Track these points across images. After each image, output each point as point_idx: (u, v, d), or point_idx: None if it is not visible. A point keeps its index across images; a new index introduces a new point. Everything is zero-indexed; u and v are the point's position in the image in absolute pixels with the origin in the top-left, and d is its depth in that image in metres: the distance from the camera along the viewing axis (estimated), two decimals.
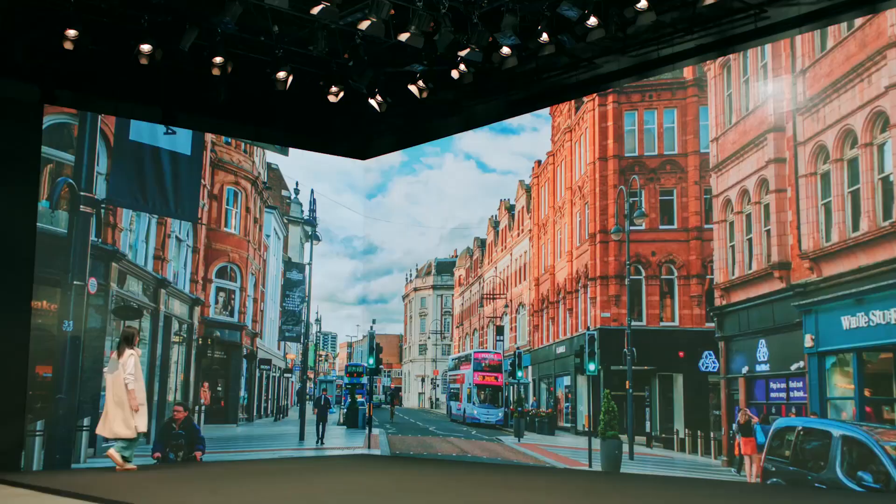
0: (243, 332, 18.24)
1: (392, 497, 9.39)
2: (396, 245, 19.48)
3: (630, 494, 10.32)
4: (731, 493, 10.66)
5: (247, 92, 14.51)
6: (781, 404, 12.37)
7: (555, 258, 17.78)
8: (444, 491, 10.02)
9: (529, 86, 15.23)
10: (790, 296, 12.35)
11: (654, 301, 15.12)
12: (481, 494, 9.71)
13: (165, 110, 15.58)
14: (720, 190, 14.12)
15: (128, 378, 12.22)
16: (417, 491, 9.98)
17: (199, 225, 17.12)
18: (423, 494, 9.56)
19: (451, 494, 9.69)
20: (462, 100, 16.00)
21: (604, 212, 15.77)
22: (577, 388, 16.69)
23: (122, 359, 12.38)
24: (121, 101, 15.11)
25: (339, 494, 9.61)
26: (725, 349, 13.52)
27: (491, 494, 9.69)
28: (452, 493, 9.77)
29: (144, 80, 14.03)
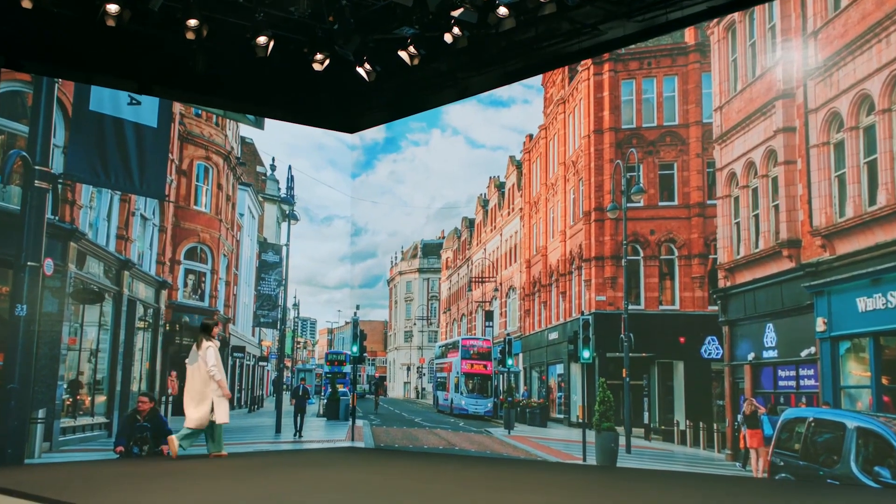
0: (214, 317, 17.64)
1: (373, 496, 8.86)
2: (381, 226, 19.05)
3: (627, 490, 9.85)
4: (736, 490, 10.06)
5: (224, 58, 13.75)
6: (790, 393, 12.03)
7: (547, 238, 17.50)
8: (428, 489, 9.52)
9: (528, 55, 14.48)
10: (800, 276, 11.94)
11: (653, 283, 14.90)
12: (469, 492, 9.24)
13: (137, 80, 14.77)
14: (724, 163, 13.73)
15: (212, 370, 12.49)
16: (400, 490, 9.43)
17: (166, 202, 16.54)
18: (405, 494, 9.01)
19: (437, 493, 9.20)
20: (457, 71, 15.33)
21: (599, 188, 15.42)
22: (571, 377, 16.45)
23: (201, 350, 12.68)
24: (88, 71, 14.37)
25: (316, 493, 9.08)
26: (730, 334, 13.18)
27: (479, 493, 9.21)
28: (438, 492, 9.28)
29: (113, 46, 13.25)
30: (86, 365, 14.79)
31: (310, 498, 8.60)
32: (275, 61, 13.36)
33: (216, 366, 12.54)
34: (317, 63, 13.46)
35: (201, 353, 12.72)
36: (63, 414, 13.90)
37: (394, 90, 16.04)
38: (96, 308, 14.91)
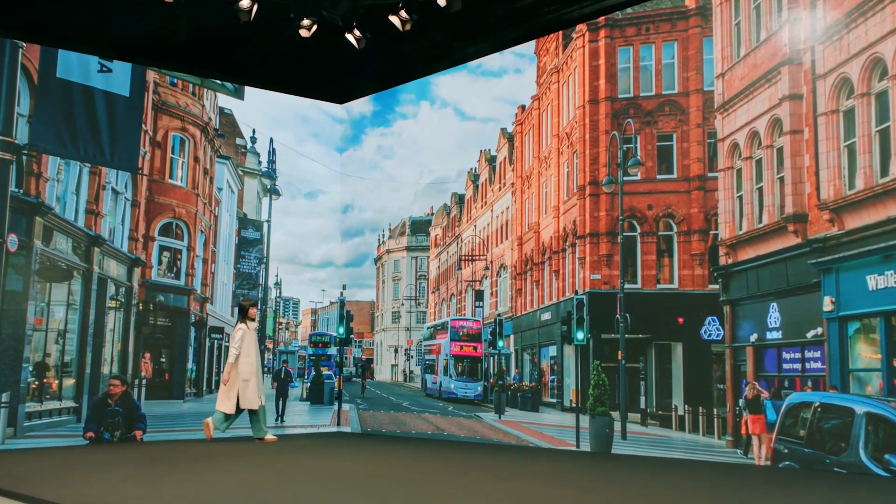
0: (191, 296, 17.44)
1: (357, 485, 8.47)
2: (367, 202, 18.55)
3: (622, 478, 9.54)
4: (737, 478, 9.72)
5: (204, 23, 13.19)
6: (795, 377, 11.77)
7: (540, 214, 17.13)
8: (414, 478, 9.13)
9: (527, 23, 13.99)
10: (807, 252, 11.62)
11: (651, 261, 14.66)
12: (458, 480, 8.89)
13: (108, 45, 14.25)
14: (726, 133, 13.38)
15: (231, 351, 12.53)
16: (385, 478, 9.02)
17: (139, 175, 16.05)
18: (390, 483, 8.60)
19: (423, 482, 8.82)
20: (452, 41, 14.82)
21: (594, 161, 15.04)
22: (564, 360, 16.15)
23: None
24: (55, 35, 13.84)
25: (297, 482, 8.64)
26: (731, 314, 12.90)
27: (468, 481, 8.84)
28: (424, 482, 8.89)
29: (83, 7, 12.74)
30: (53, 346, 14.30)
31: (290, 488, 8.18)
32: (258, 27, 12.81)
33: (236, 348, 12.50)
34: (303, 29, 12.98)
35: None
36: (28, 398, 13.39)
37: (386, 60, 15.53)
38: (64, 286, 14.44)
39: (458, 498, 7.64)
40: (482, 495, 7.82)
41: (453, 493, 7.96)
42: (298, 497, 7.62)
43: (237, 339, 12.53)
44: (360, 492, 7.97)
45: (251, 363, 12.73)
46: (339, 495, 7.75)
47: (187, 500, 7.39)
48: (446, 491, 8.13)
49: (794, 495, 8.40)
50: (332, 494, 7.81)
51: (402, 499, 7.56)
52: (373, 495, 7.69)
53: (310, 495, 7.75)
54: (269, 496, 7.59)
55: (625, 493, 8.40)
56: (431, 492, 8.09)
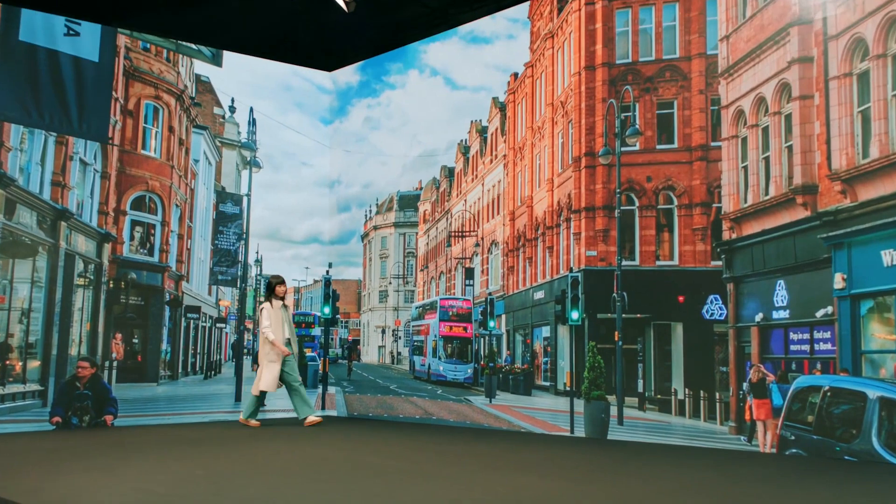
0: (165, 273, 16.95)
1: (336, 475, 8.06)
2: (354, 177, 18.15)
3: (618, 466, 9.25)
4: (741, 466, 9.35)
5: None
6: (803, 359, 11.51)
7: (533, 188, 16.90)
8: (398, 467, 8.73)
9: None
10: (816, 226, 11.34)
11: (650, 236, 14.47)
12: (444, 469, 8.56)
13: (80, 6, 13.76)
14: (731, 99, 13.07)
15: (265, 331, 12.31)
16: (366, 468, 8.61)
17: (109, 146, 15.53)
18: (372, 474, 8.18)
19: (408, 472, 8.41)
20: (448, 8, 14.35)
21: (590, 131, 14.87)
22: (558, 341, 15.97)
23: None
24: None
25: (274, 472, 8.14)
26: (735, 292, 12.67)
27: (455, 470, 8.51)
28: (409, 471, 8.48)
29: None
30: (16, 326, 13.82)
31: (265, 479, 7.66)
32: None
33: (269, 327, 12.26)
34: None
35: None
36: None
37: (377, 27, 15.09)
38: (28, 263, 13.93)
39: (446, 490, 7.27)
40: (471, 487, 7.45)
41: (441, 485, 7.56)
42: (273, 491, 7.10)
43: (265, 317, 12.33)
44: (340, 484, 7.52)
45: (280, 340, 12.47)
46: (318, 488, 7.29)
47: (149, 494, 6.92)
48: (433, 483, 7.71)
49: (801, 485, 8.17)
50: (309, 487, 7.35)
51: (386, 492, 7.12)
52: (354, 488, 7.27)
53: (286, 489, 7.24)
54: (240, 491, 7.10)
55: (620, 482, 8.07)
56: (417, 484, 7.65)
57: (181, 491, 7.09)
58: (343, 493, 6.97)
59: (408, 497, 6.89)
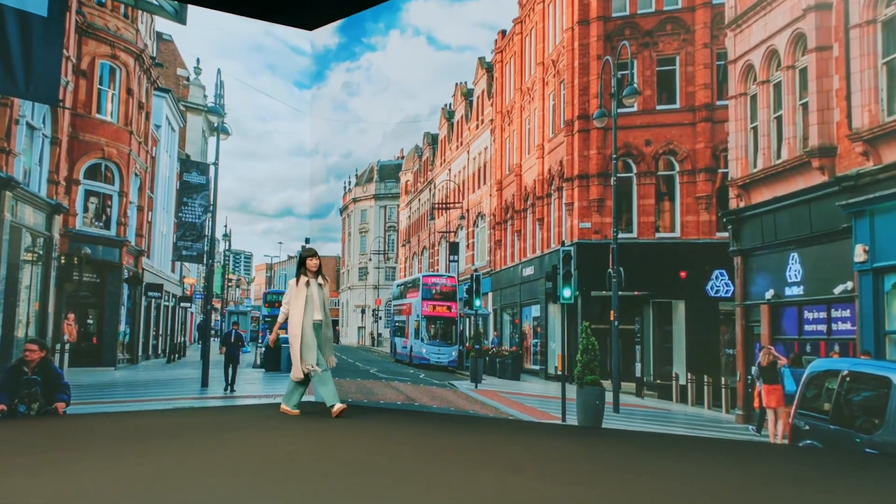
0: (124, 248, 16.40)
1: (305, 473, 7.64)
2: (332, 146, 17.82)
3: (614, 457, 9.11)
4: (749, 459, 9.16)
5: None
6: (820, 340, 11.16)
7: (522, 155, 16.73)
8: (377, 462, 8.38)
9: None
10: (835, 192, 10.87)
11: (649, 206, 14.28)
12: (428, 469, 8.08)
13: None
14: (739, 53, 12.72)
15: (281, 310, 12.00)
16: (339, 463, 8.18)
17: (60, 109, 14.84)
18: (346, 473, 7.68)
19: (386, 468, 8.01)
20: None
21: (584, 91, 14.66)
22: (549, 321, 15.65)
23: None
24: None
25: (234, 472, 7.60)
26: (743, 267, 12.44)
27: (439, 469, 8.07)
28: (387, 468, 8.07)
29: None
30: None
31: (221, 480, 7.20)
32: None
33: (285, 305, 11.93)
34: None
35: None
36: None
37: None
38: None
39: (423, 492, 6.78)
40: (451, 487, 7.00)
41: (418, 487, 7.06)
42: (226, 495, 6.54)
43: (286, 296, 12.00)
44: (306, 486, 7.03)
45: (296, 323, 12.03)
46: (275, 493, 6.63)
47: (70, 500, 6.39)
48: (409, 486, 7.17)
49: (816, 480, 7.92)
50: (267, 491, 6.70)
51: (351, 498, 6.56)
52: (319, 492, 6.74)
53: (238, 494, 6.64)
54: (188, 495, 6.54)
55: (615, 476, 7.83)
56: (392, 488, 7.09)
57: (118, 498, 6.49)
58: (303, 500, 6.43)
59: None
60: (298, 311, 11.91)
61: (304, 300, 11.95)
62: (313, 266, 12.23)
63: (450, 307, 19.72)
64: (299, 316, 11.90)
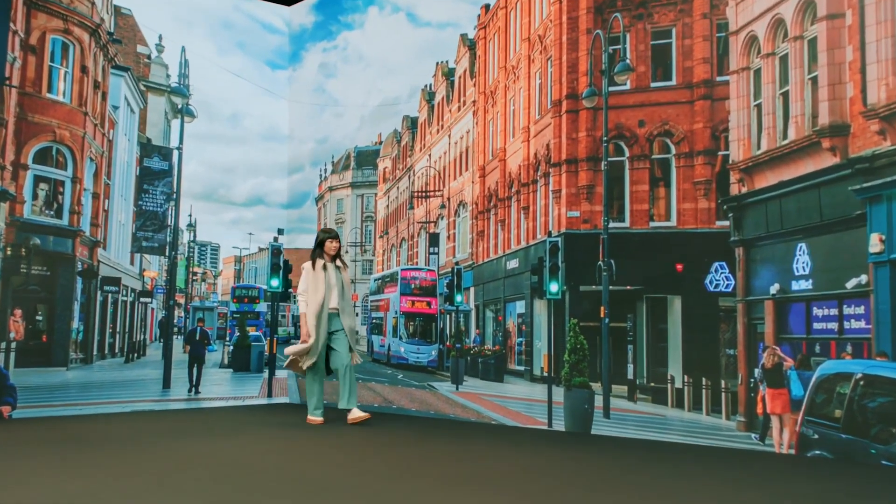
0: (77, 239, 16.06)
1: (263, 492, 6.73)
2: (308, 132, 17.51)
3: (603, 466, 8.56)
4: (751, 470, 8.55)
5: None
6: (830, 339, 10.80)
7: (506, 138, 16.55)
8: (339, 476, 7.57)
9: None
10: (848, 175, 10.41)
11: (642, 192, 14.09)
12: (399, 488, 7.27)
13: None
14: (742, 24, 12.38)
15: (298, 300, 10.75)
16: (299, 483, 7.26)
17: (6, 87, 14.45)
18: (309, 489, 6.93)
19: (351, 481, 7.29)
20: None
21: (573, 69, 14.49)
22: (534, 318, 15.63)
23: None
24: None
25: (180, 489, 6.80)
26: (745, 259, 12.14)
27: (409, 491, 7.17)
28: (351, 480, 7.34)
29: None
30: None
31: (187, 491, 6.57)
32: None
33: (303, 294, 10.45)
34: None
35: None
36: None
37: None
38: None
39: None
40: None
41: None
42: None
43: (301, 283, 10.66)
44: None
45: (313, 313, 10.70)
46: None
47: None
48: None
49: (825, 495, 7.45)
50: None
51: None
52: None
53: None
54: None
55: (606, 487, 7.37)
56: None
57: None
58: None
59: None
60: (317, 300, 10.59)
61: (322, 288, 10.91)
62: (332, 249, 10.99)
63: (429, 303, 19.47)
64: (317, 305, 10.60)
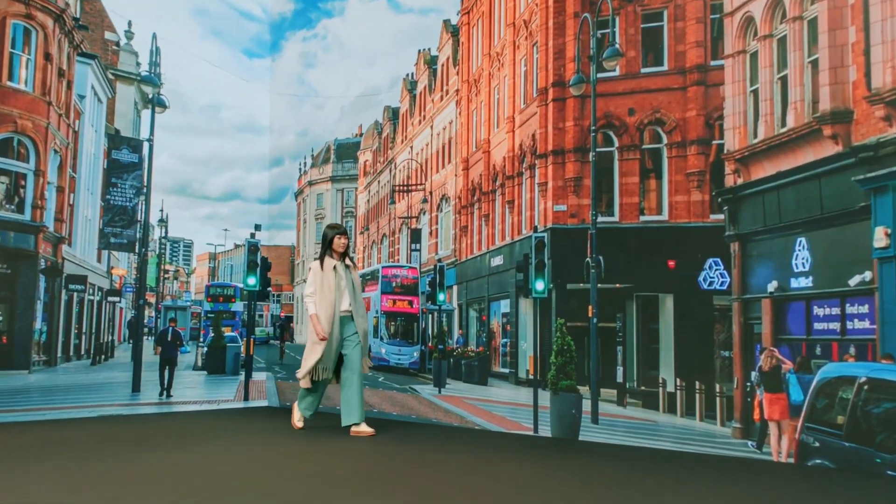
0: (40, 235, 15.65)
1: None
2: (287, 124, 17.01)
3: (591, 475, 7.89)
4: (747, 480, 8.00)
5: None
6: (832, 341, 10.54)
7: (490, 129, 16.10)
8: (319, 490, 6.80)
9: None
10: (851, 165, 10.12)
11: (632, 184, 13.79)
12: (382, 489, 6.74)
13: None
14: (737, 4, 12.85)
15: (306, 302, 9.74)
16: (272, 494, 6.61)
17: None
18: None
19: (332, 490, 6.66)
20: None
21: (560, 55, 14.12)
22: (520, 317, 15.28)
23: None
24: None
25: (169, 492, 6.24)
26: (741, 254, 11.82)
27: (395, 492, 6.68)
28: (328, 499, 6.55)
29: None
30: None
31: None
32: None
33: (312, 295, 9.57)
34: None
35: None
36: None
37: None
38: None
39: None
40: None
41: None
42: None
43: (310, 284, 9.73)
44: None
45: (326, 318, 9.61)
46: None
47: None
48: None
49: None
50: None
51: None
52: None
53: None
54: None
55: (594, 496, 6.80)
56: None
57: None
58: None
59: None
60: (328, 301, 10.03)
61: (333, 288, 10.02)
62: (341, 246, 10.18)
63: (411, 302, 19.05)
64: (329, 308, 9.96)
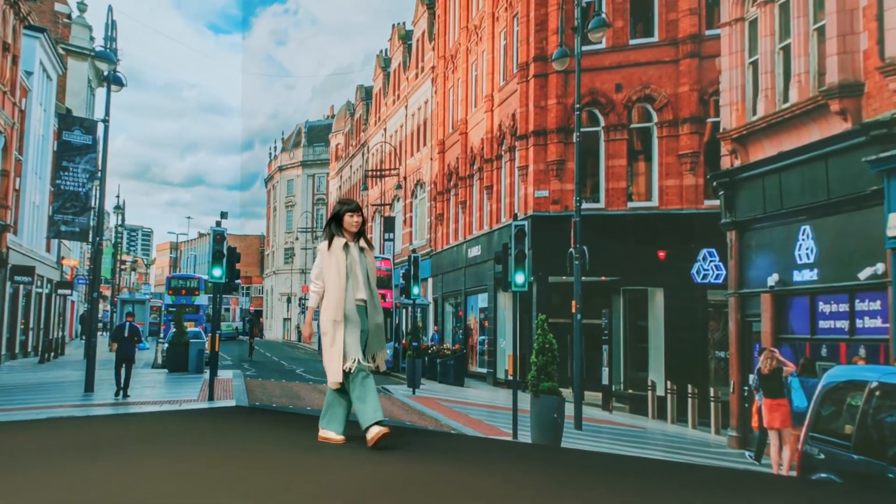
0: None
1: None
2: (257, 106, 16.61)
3: (574, 486, 7.16)
4: (744, 494, 7.29)
5: None
6: (839, 341, 10.03)
7: (468, 108, 15.54)
8: (290, 496, 6.18)
9: None
10: (861, 144, 9.56)
11: (620, 167, 13.25)
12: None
13: None
14: None
15: (310, 290, 8.40)
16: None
17: None
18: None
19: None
20: None
21: (542, 27, 13.58)
22: (498, 312, 14.84)
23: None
24: None
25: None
26: (739, 244, 11.32)
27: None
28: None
29: None
30: None
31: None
32: None
33: (314, 282, 8.03)
34: None
35: None
36: None
37: None
38: None
39: None
40: None
41: None
42: None
43: (315, 267, 8.17)
44: None
45: (336, 303, 8.18)
46: None
47: None
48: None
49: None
50: None
51: None
52: None
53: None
54: None
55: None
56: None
57: None
58: None
59: None
60: (338, 286, 8.51)
61: (344, 271, 8.57)
62: (354, 225, 8.63)
63: (384, 296, 18.36)
64: (340, 292, 8.52)
